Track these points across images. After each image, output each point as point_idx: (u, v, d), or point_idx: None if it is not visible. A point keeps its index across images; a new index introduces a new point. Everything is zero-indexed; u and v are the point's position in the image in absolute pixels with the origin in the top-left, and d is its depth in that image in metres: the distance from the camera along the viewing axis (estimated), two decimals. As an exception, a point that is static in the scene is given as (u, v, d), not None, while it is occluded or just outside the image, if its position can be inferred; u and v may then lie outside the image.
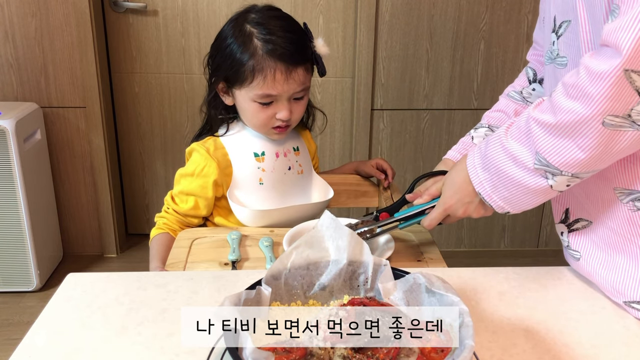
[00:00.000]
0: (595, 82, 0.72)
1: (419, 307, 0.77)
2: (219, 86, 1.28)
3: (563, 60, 0.91)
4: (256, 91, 1.22)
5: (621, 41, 0.69)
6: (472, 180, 0.92)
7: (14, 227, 2.31)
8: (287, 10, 2.48)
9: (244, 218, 1.27)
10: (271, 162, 1.31)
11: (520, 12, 2.52)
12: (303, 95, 1.27)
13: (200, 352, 0.77)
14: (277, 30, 1.21)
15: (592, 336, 0.82)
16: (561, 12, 0.89)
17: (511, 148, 0.85)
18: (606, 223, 0.89)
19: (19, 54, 2.42)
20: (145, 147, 2.74)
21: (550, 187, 0.83)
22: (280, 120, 1.25)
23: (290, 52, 1.20)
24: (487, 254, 2.84)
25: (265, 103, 1.23)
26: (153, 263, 1.26)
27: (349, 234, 0.83)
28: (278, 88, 1.21)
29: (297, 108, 1.27)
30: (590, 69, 0.73)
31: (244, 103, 1.26)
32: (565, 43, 0.89)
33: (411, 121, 2.66)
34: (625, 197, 0.85)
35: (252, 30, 1.21)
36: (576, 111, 0.75)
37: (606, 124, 0.73)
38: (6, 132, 2.17)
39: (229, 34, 1.24)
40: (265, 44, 1.20)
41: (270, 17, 1.24)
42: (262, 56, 1.19)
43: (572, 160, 0.78)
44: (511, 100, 1.16)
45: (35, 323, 0.83)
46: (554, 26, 0.92)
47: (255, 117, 1.26)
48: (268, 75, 1.19)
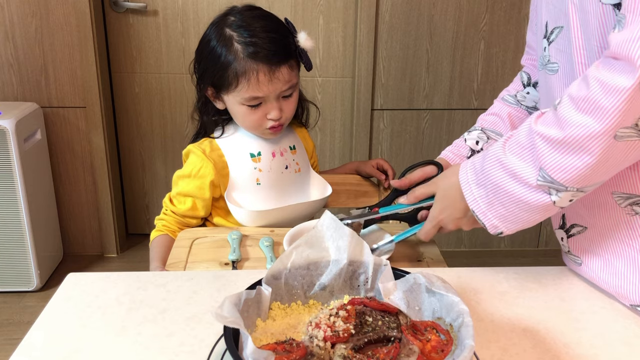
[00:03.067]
0: (610, 96, 0.70)
1: (419, 307, 0.77)
2: (208, 92, 1.29)
3: (554, 66, 0.90)
4: (243, 95, 1.22)
5: (634, 54, 0.67)
6: (465, 197, 0.90)
7: (14, 227, 2.31)
8: (287, 10, 2.49)
9: (243, 219, 1.27)
10: (268, 162, 1.31)
11: (520, 12, 2.52)
12: (291, 92, 1.27)
13: (200, 352, 0.77)
14: (257, 31, 1.21)
15: (592, 336, 0.82)
16: (553, 18, 0.89)
17: (510, 164, 0.83)
18: (603, 228, 0.88)
19: (19, 54, 2.42)
20: (145, 147, 2.74)
21: (553, 203, 0.81)
22: (272, 120, 1.25)
23: (272, 51, 1.20)
24: (487, 254, 2.84)
25: (254, 105, 1.23)
26: (153, 264, 1.26)
27: (350, 234, 0.83)
28: (263, 89, 1.21)
29: (288, 106, 1.27)
30: (604, 82, 0.71)
31: (233, 107, 1.26)
32: (556, 49, 0.89)
33: (411, 121, 2.66)
34: (623, 202, 0.85)
35: (231, 34, 1.21)
36: (587, 125, 0.73)
37: (617, 137, 0.72)
38: (6, 132, 2.17)
39: (211, 38, 1.24)
40: (246, 46, 1.19)
41: (250, 18, 1.23)
42: (244, 59, 1.19)
43: (578, 176, 0.76)
44: (505, 103, 1.16)
45: (35, 323, 0.83)
46: (545, 32, 0.91)
47: (246, 120, 1.26)
48: (252, 78, 1.19)
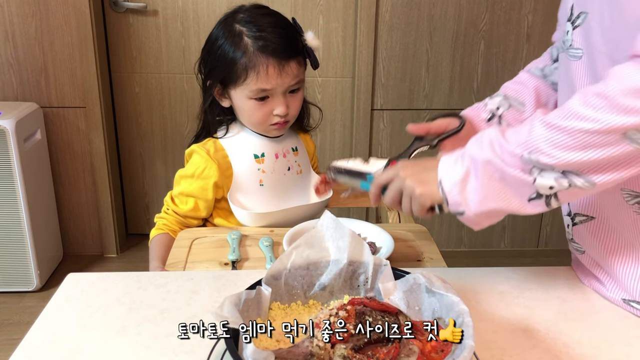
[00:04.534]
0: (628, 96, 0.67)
1: (419, 307, 0.77)
2: (215, 89, 1.28)
3: (577, 52, 0.86)
4: (251, 87, 1.22)
5: None
6: (438, 168, 0.83)
7: (14, 227, 2.31)
8: (287, 10, 2.48)
9: (245, 220, 1.27)
10: (271, 163, 1.31)
11: (520, 12, 2.52)
12: (298, 87, 1.27)
13: (200, 352, 0.77)
14: (266, 26, 1.22)
15: (592, 336, 0.82)
16: (578, 3, 0.85)
17: (497, 139, 0.78)
18: (610, 222, 0.88)
19: (19, 54, 2.42)
20: (145, 147, 2.74)
21: (533, 180, 0.75)
22: (278, 116, 1.26)
23: (281, 46, 1.21)
24: (487, 254, 2.84)
25: (261, 98, 1.24)
26: (153, 263, 1.26)
27: (350, 234, 0.83)
28: (272, 82, 1.21)
29: (294, 102, 1.28)
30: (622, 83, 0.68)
31: (240, 102, 1.26)
32: (581, 35, 0.84)
33: (411, 121, 2.63)
34: (632, 199, 0.84)
35: (241, 29, 1.22)
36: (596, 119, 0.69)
37: (628, 136, 0.68)
38: (6, 132, 2.17)
39: (219, 35, 1.25)
40: (256, 40, 1.21)
41: (259, 15, 1.25)
42: (254, 53, 1.20)
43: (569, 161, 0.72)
44: (532, 75, 1.09)
45: (35, 323, 0.83)
46: (570, 15, 0.87)
47: (253, 115, 1.26)
48: (261, 70, 1.20)
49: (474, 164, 0.80)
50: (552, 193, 0.76)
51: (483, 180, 0.78)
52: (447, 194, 0.81)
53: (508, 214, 0.81)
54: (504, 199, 0.78)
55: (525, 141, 0.75)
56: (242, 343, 0.67)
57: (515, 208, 0.79)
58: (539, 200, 0.77)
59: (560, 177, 0.74)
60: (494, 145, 0.78)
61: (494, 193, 0.78)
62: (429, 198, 0.84)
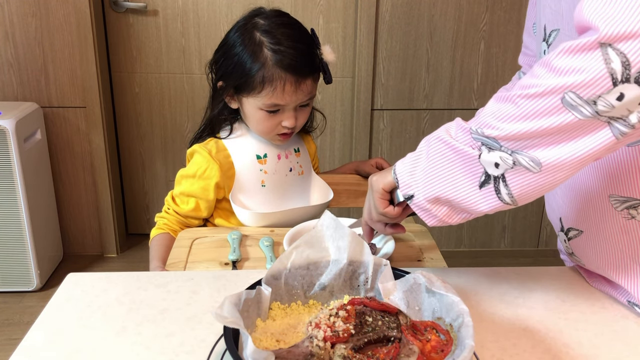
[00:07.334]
0: (562, 56, 0.66)
1: (419, 307, 0.77)
2: (227, 92, 1.27)
3: None
4: (264, 101, 1.22)
5: (593, 17, 0.62)
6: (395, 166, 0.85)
7: (14, 227, 2.31)
8: (287, 10, 2.47)
9: (247, 220, 1.27)
10: (273, 164, 1.31)
11: (520, 12, 2.52)
12: (309, 102, 1.28)
13: (200, 352, 0.77)
14: (287, 40, 1.20)
15: (592, 336, 0.82)
16: (551, 21, 0.88)
17: (454, 123, 0.80)
18: (599, 231, 0.88)
19: (19, 54, 2.42)
20: (145, 147, 2.74)
21: (478, 156, 0.74)
22: (286, 128, 1.26)
23: (300, 64, 1.20)
24: (487, 254, 2.84)
25: (272, 111, 1.23)
26: (153, 263, 1.26)
27: (350, 234, 0.83)
28: (286, 99, 1.21)
29: (302, 115, 1.28)
30: (559, 48, 0.66)
31: (250, 110, 1.26)
32: None
33: (411, 121, 2.66)
34: (620, 205, 0.84)
35: (262, 40, 1.20)
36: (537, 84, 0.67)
37: (566, 101, 0.66)
38: (6, 132, 2.17)
39: (237, 41, 1.23)
40: (275, 54, 1.19)
41: (279, 25, 1.23)
42: (273, 67, 1.19)
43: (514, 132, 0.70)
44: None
45: (35, 323, 0.83)
46: (544, 35, 0.91)
47: (261, 124, 1.26)
48: (278, 86, 1.19)
49: (427, 143, 0.81)
50: (499, 174, 0.73)
51: (434, 157, 0.79)
52: (398, 175, 0.83)
53: (461, 209, 0.79)
54: (452, 180, 0.77)
55: (476, 118, 0.76)
56: (242, 343, 0.67)
57: (465, 195, 0.77)
58: (488, 186, 0.74)
59: (504, 154, 0.72)
60: (450, 127, 0.80)
61: (443, 173, 0.78)
62: (381, 181, 0.88)
